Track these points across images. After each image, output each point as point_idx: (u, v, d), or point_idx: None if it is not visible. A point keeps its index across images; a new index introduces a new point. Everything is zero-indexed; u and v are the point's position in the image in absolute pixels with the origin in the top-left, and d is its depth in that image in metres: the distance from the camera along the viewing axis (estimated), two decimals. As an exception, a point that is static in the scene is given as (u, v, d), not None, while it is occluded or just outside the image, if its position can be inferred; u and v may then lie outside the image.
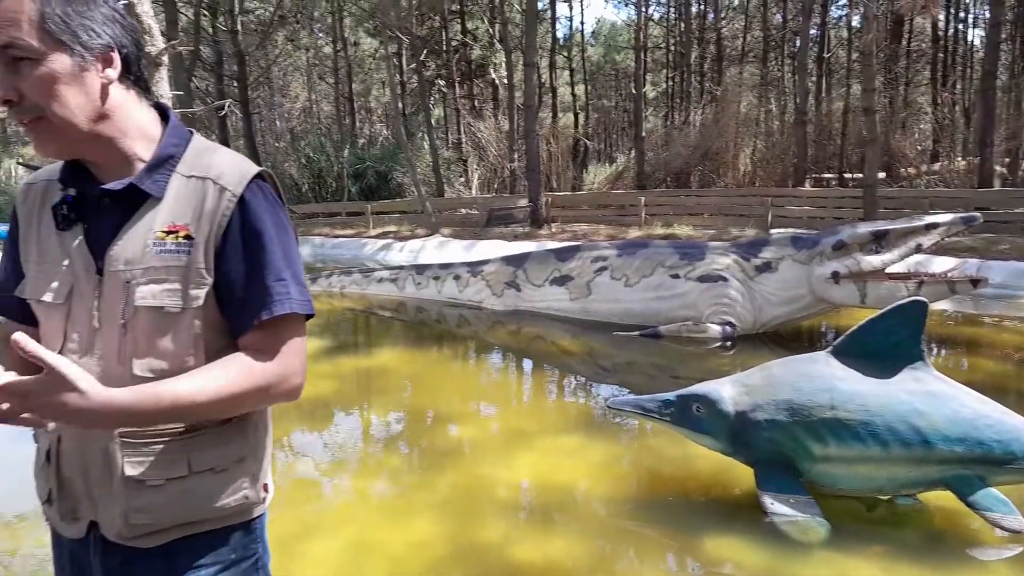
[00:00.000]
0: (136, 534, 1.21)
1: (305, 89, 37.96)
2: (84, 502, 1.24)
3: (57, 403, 1.03)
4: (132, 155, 1.22)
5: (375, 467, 4.47)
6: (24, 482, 3.83)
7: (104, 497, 1.21)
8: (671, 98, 30.40)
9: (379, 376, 6.49)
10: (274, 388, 1.21)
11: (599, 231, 14.65)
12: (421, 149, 22.68)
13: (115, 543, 1.23)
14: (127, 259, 1.18)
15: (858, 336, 3.40)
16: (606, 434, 4.80)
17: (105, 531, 1.23)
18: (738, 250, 7.30)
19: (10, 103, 1.12)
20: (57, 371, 1.02)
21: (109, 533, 1.22)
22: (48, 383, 1.02)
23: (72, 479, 1.24)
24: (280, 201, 1.28)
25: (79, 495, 1.24)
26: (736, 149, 20.97)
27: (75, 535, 1.27)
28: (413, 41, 20.73)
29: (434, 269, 9.62)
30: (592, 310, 7.82)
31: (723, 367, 6.15)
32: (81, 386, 1.04)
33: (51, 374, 1.02)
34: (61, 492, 1.26)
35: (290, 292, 1.21)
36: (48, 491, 1.27)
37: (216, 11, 22.81)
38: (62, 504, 1.26)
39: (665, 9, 31.75)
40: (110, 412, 1.07)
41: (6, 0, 1.09)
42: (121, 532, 1.21)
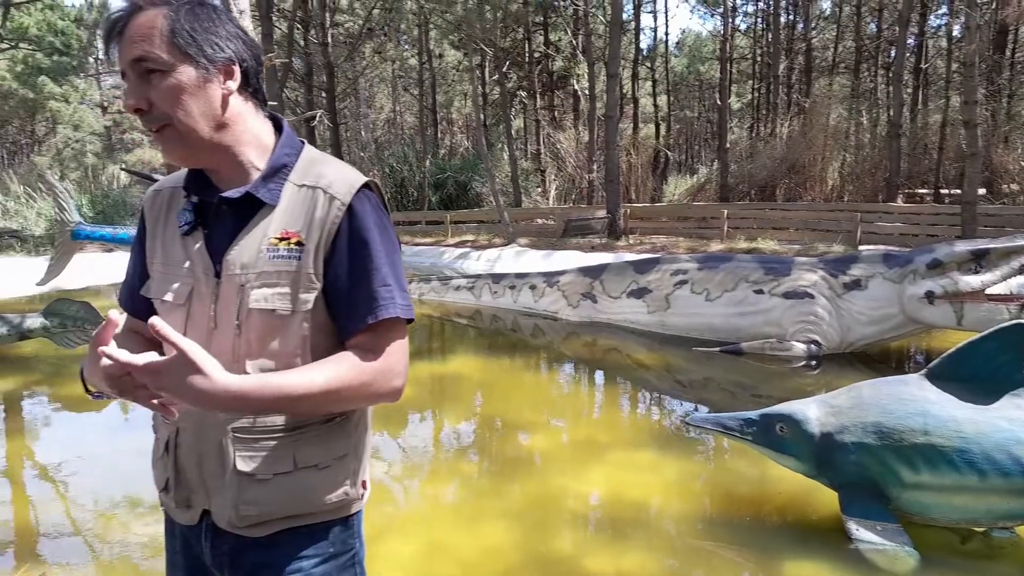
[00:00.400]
0: (245, 524, 1.28)
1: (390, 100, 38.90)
2: (198, 491, 1.31)
3: (185, 383, 1.09)
4: (248, 163, 1.28)
5: (448, 472, 4.50)
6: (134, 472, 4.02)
7: (217, 488, 1.28)
8: (756, 109, 29.76)
9: (453, 382, 6.56)
10: (378, 387, 1.26)
11: (679, 244, 14.42)
12: (500, 160, 22.89)
13: (225, 531, 1.30)
14: (243, 263, 1.24)
15: (955, 359, 3.23)
16: (681, 451, 4.70)
17: (217, 519, 1.30)
18: (826, 266, 7.05)
19: (141, 112, 1.20)
20: (188, 353, 1.09)
21: (220, 522, 1.29)
22: (180, 363, 1.09)
23: (188, 469, 1.31)
24: (385, 210, 1.32)
25: (194, 485, 1.31)
26: (824, 162, 20.32)
27: (188, 522, 1.34)
28: (496, 53, 20.96)
29: (510, 278, 9.67)
30: (670, 324, 7.69)
31: (807, 387, 5.95)
32: (207, 369, 1.10)
33: (182, 356, 1.08)
34: (177, 481, 1.33)
35: (395, 297, 1.26)
36: (165, 480, 1.35)
37: (309, 24, 23.65)
38: (178, 492, 1.33)
39: (752, 20, 31.14)
40: (228, 396, 1.12)
41: (140, 17, 1.18)
42: (231, 521, 1.28)
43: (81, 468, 4.59)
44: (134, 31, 1.18)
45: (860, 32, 25.67)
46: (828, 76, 27.12)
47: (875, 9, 25.99)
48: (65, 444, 5.10)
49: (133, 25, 1.18)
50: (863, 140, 22.09)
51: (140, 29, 1.18)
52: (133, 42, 1.18)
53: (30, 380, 6.66)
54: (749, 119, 31.21)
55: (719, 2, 26.37)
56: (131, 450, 4.84)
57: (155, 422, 1.41)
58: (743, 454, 4.35)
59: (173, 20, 1.18)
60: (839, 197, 19.61)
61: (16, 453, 4.99)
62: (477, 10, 18.87)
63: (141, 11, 1.19)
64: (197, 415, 1.28)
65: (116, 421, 5.63)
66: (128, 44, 1.18)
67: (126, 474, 4.40)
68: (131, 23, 1.18)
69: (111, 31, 1.20)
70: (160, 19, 1.18)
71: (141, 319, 1.39)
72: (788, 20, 29.22)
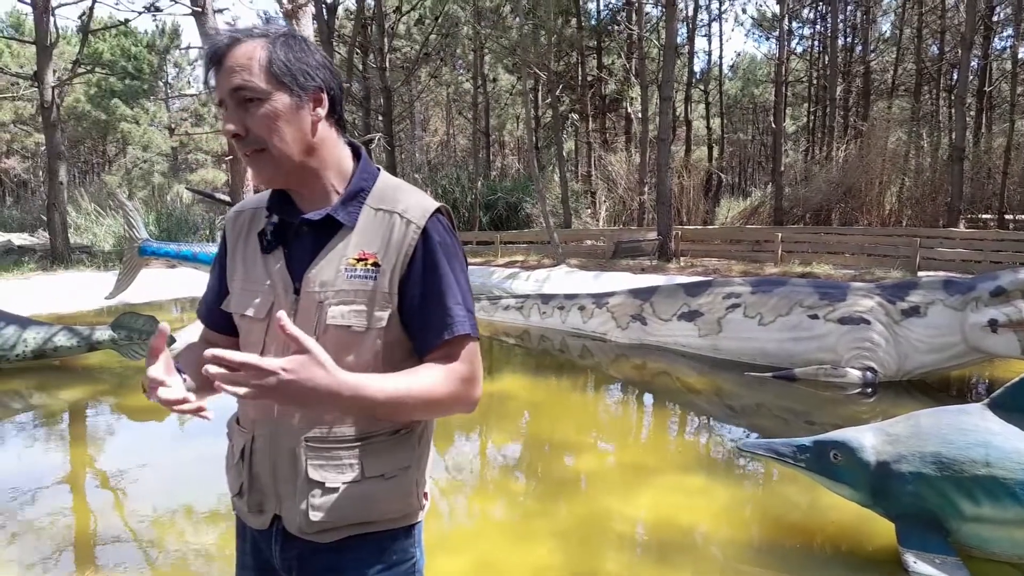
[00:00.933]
0: (314, 530, 1.34)
1: (444, 123, 39.49)
2: (270, 497, 1.38)
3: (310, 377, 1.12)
4: (330, 186, 1.36)
5: (496, 491, 4.53)
6: (194, 480, 4.16)
7: (288, 494, 1.35)
8: (812, 132, 29.33)
9: (501, 402, 6.59)
10: (459, 397, 1.33)
11: (731, 267, 14.26)
12: (551, 181, 23.02)
13: (294, 536, 1.36)
14: (322, 281, 1.31)
15: (1018, 389, 3.15)
16: (732, 477, 4.64)
17: (287, 525, 1.36)
18: (883, 292, 6.90)
19: (238, 136, 1.28)
20: (314, 351, 1.13)
21: (291, 527, 1.36)
22: (306, 360, 1.13)
23: (262, 476, 1.38)
24: (455, 232, 1.40)
25: (267, 491, 1.38)
26: (882, 186, 19.89)
27: (259, 526, 1.41)
28: (550, 77, 21.14)
29: (559, 299, 9.69)
30: (722, 348, 7.61)
31: (863, 415, 5.82)
32: (328, 365, 1.15)
33: (310, 353, 1.13)
34: (251, 487, 1.40)
35: (466, 316, 1.33)
36: (240, 485, 1.42)
37: (368, 50, 24.26)
38: (251, 497, 1.40)
39: (809, 43, 30.77)
40: (343, 392, 1.16)
41: (239, 48, 1.26)
42: (301, 527, 1.34)
43: (143, 475, 4.76)
44: (234, 61, 1.26)
45: (921, 54, 25.15)
46: (887, 99, 26.61)
47: (937, 32, 25.46)
48: (128, 452, 5.29)
49: (233, 55, 1.26)
50: (923, 164, 21.56)
51: (240, 59, 1.26)
52: (233, 71, 1.25)
53: (97, 390, 6.94)
54: (804, 142, 30.76)
55: (775, 25, 26.17)
56: (192, 459, 5.00)
57: (230, 430, 1.48)
58: (795, 481, 4.28)
59: (270, 51, 1.26)
60: (897, 222, 19.16)
61: (81, 460, 5.20)
62: (532, 35, 19.12)
63: (240, 42, 1.27)
64: (273, 424, 1.35)
65: (177, 430, 5.82)
66: (228, 73, 1.26)
67: (186, 482, 4.55)
68: (231, 53, 1.26)
69: (212, 60, 1.28)
70: (258, 50, 1.26)
71: (217, 332, 1.49)
72: (846, 43, 28.81)
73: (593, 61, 26.87)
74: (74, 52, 25.48)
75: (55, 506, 4.27)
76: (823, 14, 28.61)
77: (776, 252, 14.66)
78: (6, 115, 34.81)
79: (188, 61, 41.48)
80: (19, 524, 3.94)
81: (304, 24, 8.72)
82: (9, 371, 7.17)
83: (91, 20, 18.28)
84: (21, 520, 3.99)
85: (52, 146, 16.13)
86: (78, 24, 18.33)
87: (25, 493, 4.41)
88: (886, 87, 28.18)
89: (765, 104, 35.99)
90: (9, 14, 36.25)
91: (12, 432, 5.81)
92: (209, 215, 22.39)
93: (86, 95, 35.67)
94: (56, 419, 6.22)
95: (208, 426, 6.44)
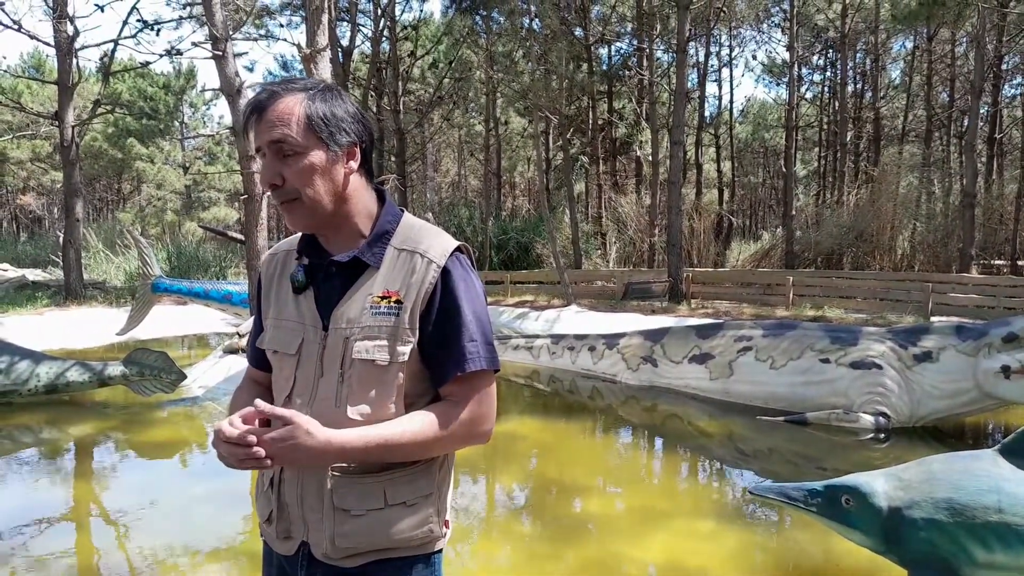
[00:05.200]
0: (340, 555, 1.40)
1: (455, 164, 39.93)
2: (298, 524, 1.44)
3: (294, 444, 1.27)
4: (357, 231, 1.45)
5: (505, 533, 4.49)
6: (201, 519, 4.14)
7: (315, 521, 1.41)
8: (823, 177, 29.47)
9: (509, 442, 6.55)
10: (466, 433, 1.40)
11: (742, 310, 14.23)
12: (562, 222, 23.15)
13: (320, 561, 1.41)
14: (349, 319, 1.39)
15: (1032, 435, 3.11)
16: (743, 521, 4.59)
17: (314, 550, 1.42)
18: (895, 337, 6.87)
19: (274, 187, 1.37)
20: (295, 420, 1.27)
21: (317, 553, 1.41)
22: (291, 429, 1.27)
23: (290, 504, 1.44)
24: (474, 269, 1.47)
25: (294, 518, 1.44)
26: (894, 231, 19.89)
27: (286, 552, 1.47)
28: (561, 120, 21.42)
29: (569, 339, 9.68)
30: (733, 391, 7.56)
31: (875, 460, 5.74)
32: (311, 429, 1.28)
33: (291, 423, 1.27)
34: (280, 514, 1.46)
35: (480, 351, 1.39)
36: (269, 512, 1.48)
37: (382, 93, 24.69)
38: (279, 524, 1.46)
39: (819, 88, 31.09)
40: (330, 449, 1.29)
41: (281, 103, 1.35)
42: (327, 552, 1.40)
43: (150, 513, 4.74)
44: (274, 115, 1.33)
45: (931, 101, 25.35)
46: (897, 145, 26.76)
47: (947, 79, 25.68)
48: (136, 489, 5.28)
49: (273, 109, 1.34)
50: (935, 209, 21.59)
51: (280, 114, 1.33)
52: (273, 125, 1.33)
53: (106, 426, 6.95)
54: (815, 186, 30.89)
55: (785, 72, 26.50)
56: (200, 496, 4.99)
57: None
58: (807, 527, 4.22)
59: (309, 107, 1.34)
60: (909, 267, 19.11)
61: (89, 497, 5.19)
62: (543, 80, 19.40)
63: (281, 97, 1.35)
64: None
65: (186, 468, 5.81)
66: (267, 126, 1.34)
67: (194, 520, 4.53)
68: (271, 107, 1.34)
69: (253, 111, 1.36)
70: (298, 106, 1.34)
71: (259, 369, 1.58)
72: (856, 89, 29.10)
73: (604, 105, 27.20)
74: (92, 91, 26.06)
75: (61, 543, 4.26)
76: (833, 61, 28.95)
77: (787, 296, 14.63)
78: (24, 153, 35.43)
79: (204, 101, 42.28)
80: (24, 560, 3.93)
81: (322, 68, 8.90)
82: (20, 405, 7.20)
83: (112, 62, 18.72)
84: (26, 556, 3.98)
85: (70, 184, 16.41)
86: (98, 65, 18.72)
87: (32, 528, 4.41)
88: (896, 133, 28.35)
89: (776, 148, 36.24)
90: (31, 55, 37.11)
91: (20, 467, 5.81)
92: (220, 253, 22.57)
93: (103, 134, 36.31)
94: (65, 455, 6.23)
95: (216, 464, 6.39)
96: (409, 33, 25.14)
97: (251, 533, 4.17)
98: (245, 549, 4.01)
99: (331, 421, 1.34)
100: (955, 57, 25.15)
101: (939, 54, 25.13)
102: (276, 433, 1.26)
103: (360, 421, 1.35)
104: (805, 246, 20.78)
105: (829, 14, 25.69)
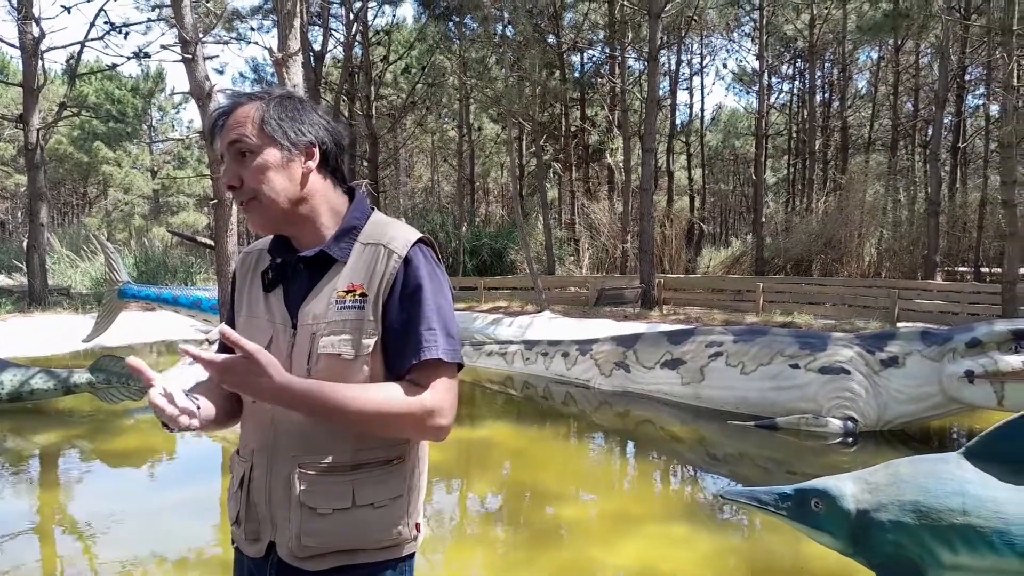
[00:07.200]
0: (305, 555, 1.39)
1: (428, 169, 39.86)
2: (266, 524, 1.44)
3: (251, 380, 1.27)
4: (324, 229, 1.48)
5: (478, 539, 4.48)
6: (168, 528, 4.07)
7: (282, 520, 1.41)
8: (792, 184, 29.89)
9: (482, 448, 6.55)
10: (421, 420, 1.37)
11: (713, 316, 14.36)
12: (535, 228, 23.21)
13: (287, 564, 1.41)
14: (315, 314, 1.41)
15: (994, 438, 3.18)
16: (715, 526, 4.63)
17: (280, 551, 1.41)
18: (862, 343, 6.98)
19: (233, 188, 1.42)
20: (254, 356, 1.26)
21: (282, 553, 1.41)
22: (247, 363, 1.27)
23: (258, 503, 1.45)
24: (438, 261, 1.48)
25: (262, 517, 1.44)
26: (861, 238, 20.23)
27: (255, 555, 1.46)
28: (534, 127, 21.50)
29: (543, 345, 9.70)
30: (704, 396, 7.63)
31: (843, 464, 5.83)
32: (270, 371, 1.27)
33: (250, 359, 1.26)
34: (248, 514, 1.47)
35: (438, 341, 1.39)
36: (237, 512, 1.49)
37: (354, 97, 24.59)
38: (248, 525, 1.47)
39: (788, 97, 31.57)
40: (285, 392, 1.29)
41: (240, 109, 1.43)
42: (293, 551, 1.39)
43: (116, 523, 4.65)
44: (233, 120, 1.42)
45: (897, 111, 25.86)
46: (864, 153, 27.23)
47: (911, 89, 26.22)
48: (103, 497, 5.19)
49: (234, 116, 1.43)
50: (900, 217, 22.02)
51: (238, 118, 1.42)
52: (231, 128, 1.42)
53: (72, 434, 6.81)
54: (785, 194, 31.33)
55: (755, 80, 26.88)
56: (168, 505, 4.91)
57: (232, 462, 1.56)
58: (778, 530, 4.27)
59: (264, 111, 1.42)
60: (876, 273, 19.44)
61: (54, 506, 5.08)
62: (517, 86, 19.46)
63: (241, 105, 1.44)
64: (269, 451, 1.42)
65: (153, 477, 5.71)
66: (227, 130, 1.42)
67: (161, 529, 4.46)
68: (232, 114, 1.43)
69: (217, 121, 1.45)
70: (253, 110, 1.42)
71: None
72: (824, 98, 29.59)
73: (577, 112, 27.35)
74: (57, 94, 25.61)
75: (27, 555, 4.17)
76: (801, 70, 29.40)
77: (757, 301, 14.80)
78: (-13, 157, 34.74)
79: (173, 105, 41.73)
80: (-14, 572, 3.83)
81: (294, 72, 8.84)
82: (-18, 414, 7.03)
83: (79, 64, 18.42)
84: (-11, 567, 3.88)
85: (35, 188, 16.09)
86: (64, 67, 18.42)
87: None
88: (863, 142, 28.85)
89: (746, 156, 36.70)
90: (-7, 56, 36.38)
91: (-18, 476, 5.67)
92: (187, 258, 22.26)
93: (68, 137, 35.65)
94: (29, 464, 6.09)
95: (183, 472, 6.34)
96: (382, 38, 25.07)
97: (221, 542, 4.12)
98: (215, 559, 3.95)
99: (296, 416, 1.36)
100: (920, 68, 25.70)
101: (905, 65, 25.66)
102: (229, 359, 1.26)
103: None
104: (775, 253, 21.06)
105: (798, 24, 26.11)
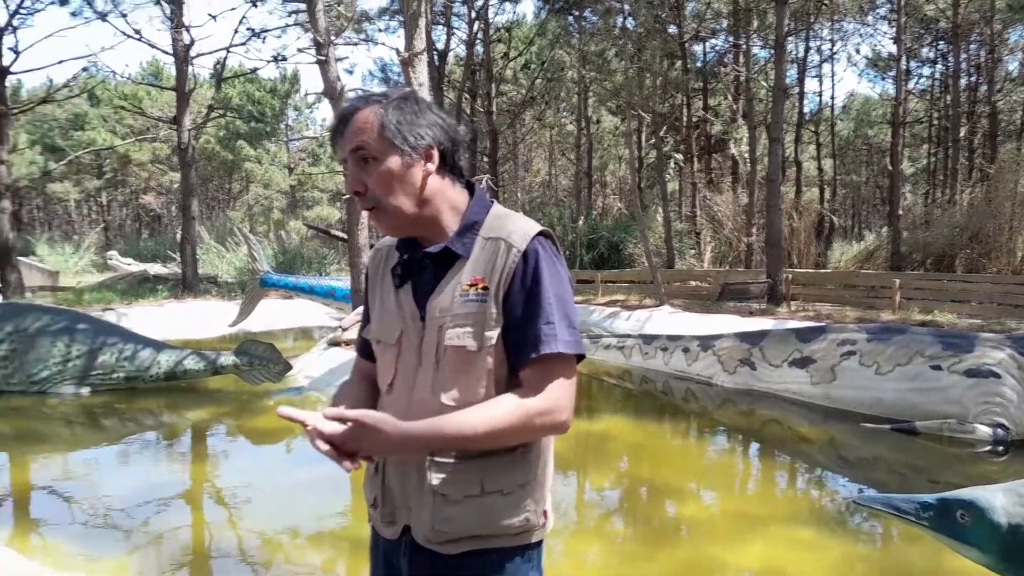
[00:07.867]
0: (439, 540, 1.44)
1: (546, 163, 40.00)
2: (401, 508, 1.50)
3: (367, 441, 1.32)
4: (446, 227, 1.50)
5: (596, 534, 4.49)
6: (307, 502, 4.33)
7: (416, 506, 1.46)
8: (932, 175, 27.94)
9: (600, 441, 6.54)
10: (539, 421, 1.39)
11: (845, 313, 13.66)
12: (654, 221, 22.84)
13: (421, 548, 1.46)
14: (441, 308, 1.44)
15: None
16: (845, 532, 4.43)
17: (414, 534, 1.47)
18: (1015, 344, 6.46)
19: (358, 194, 1.46)
20: (361, 421, 1.31)
21: (418, 537, 1.46)
22: (357, 430, 1.31)
23: (393, 488, 1.51)
24: (557, 253, 1.49)
25: (398, 502, 1.50)
26: (1012, 232, 18.65)
27: (391, 536, 1.53)
28: (654, 118, 21.15)
29: (662, 340, 9.56)
30: (835, 397, 7.29)
31: (992, 474, 5.43)
32: (383, 428, 1.32)
33: (357, 424, 1.31)
34: (384, 498, 1.53)
35: (557, 334, 1.39)
36: (374, 497, 1.56)
37: (475, 94, 25.04)
38: (384, 508, 1.53)
39: (929, 82, 29.47)
40: (406, 440, 1.35)
41: (360, 114, 1.44)
42: (427, 536, 1.45)
43: (257, 495, 5.00)
44: (354, 126, 1.44)
45: (1055, 93, 23.64)
46: (1016, 140, 25.06)
47: (1073, 68, 23.87)
48: (246, 472, 5.58)
49: (354, 121, 1.44)
50: (1060, 208, 20.08)
51: (358, 124, 1.43)
52: (353, 135, 1.44)
53: (220, 411, 7.36)
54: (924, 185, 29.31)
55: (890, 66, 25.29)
56: (306, 481, 5.22)
57: None
58: (917, 540, 4.04)
59: (383, 116, 1.43)
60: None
61: (202, 478, 5.52)
62: (637, 78, 19.17)
63: (360, 110, 1.45)
64: None
65: (293, 454, 6.08)
66: (349, 137, 1.44)
67: (299, 504, 4.75)
68: (352, 119, 1.44)
69: (337, 126, 1.47)
70: (372, 115, 1.43)
71: (366, 359, 1.66)
72: (969, 82, 27.43)
73: (699, 102, 26.64)
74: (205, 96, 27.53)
75: (177, 520, 4.56)
76: (944, 53, 27.35)
77: (894, 299, 13.95)
78: (144, 155, 37.78)
79: (307, 105, 43.92)
80: (145, 535, 4.22)
81: (420, 71, 9.12)
82: (143, 390, 7.72)
83: (224, 69, 19.73)
84: (146, 532, 4.27)
85: (187, 184, 17.41)
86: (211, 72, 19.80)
87: (152, 505, 4.72)
88: (1015, 128, 26.55)
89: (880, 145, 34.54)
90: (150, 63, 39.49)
91: (143, 449, 6.24)
92: (322, 250, 23.44)
93: (215, 137, 38.27)
94: (182, 437, 6.64)
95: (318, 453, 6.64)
96: (502, 35, 25.38)
97: (352, 519, 4.34)
98: (346, 534, 4.18)
99: (428, 408, 1.40)
100: (1084, 45, 23.35)
101: (1066, 42, 23.38)
102: (341, 433, 1.31)
103: (452, 406, 1.39)
104: (913, 247, 19.78)
105: (940, 4, 24.30)
